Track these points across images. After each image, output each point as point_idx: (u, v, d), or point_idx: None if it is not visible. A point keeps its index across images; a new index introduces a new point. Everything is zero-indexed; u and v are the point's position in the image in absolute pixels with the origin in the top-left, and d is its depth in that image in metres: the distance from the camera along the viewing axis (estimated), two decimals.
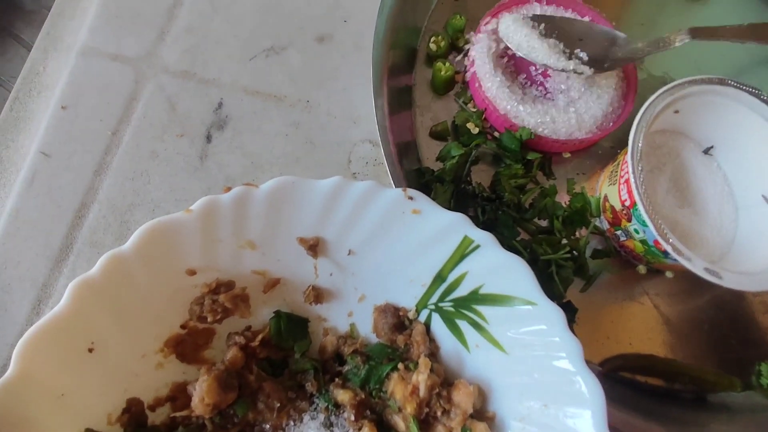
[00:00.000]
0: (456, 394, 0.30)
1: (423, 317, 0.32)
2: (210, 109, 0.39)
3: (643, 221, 0.32)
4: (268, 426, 0.29)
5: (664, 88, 0.34)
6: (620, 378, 0.36)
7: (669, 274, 0.39)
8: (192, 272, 0.28)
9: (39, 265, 0.33)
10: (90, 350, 0.26)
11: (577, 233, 0.38)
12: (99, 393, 0.26)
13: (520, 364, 0.29)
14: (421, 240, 0.30)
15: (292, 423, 0.30)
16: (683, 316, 0.38)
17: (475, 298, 0.30)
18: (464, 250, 0.29)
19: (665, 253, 0.33)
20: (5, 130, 0.37)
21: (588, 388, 0.26)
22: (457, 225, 0.29)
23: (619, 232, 0.37)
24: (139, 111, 0.38)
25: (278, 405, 0.29)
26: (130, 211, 0.35)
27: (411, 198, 0.29)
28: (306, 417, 0.30)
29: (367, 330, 0.33)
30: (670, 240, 0.31)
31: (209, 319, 0.28)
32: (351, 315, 0.33)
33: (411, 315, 0.32)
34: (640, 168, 0.32)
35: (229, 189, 0.27)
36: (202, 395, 0.27)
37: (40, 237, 0.34)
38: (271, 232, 0.29)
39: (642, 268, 0.38)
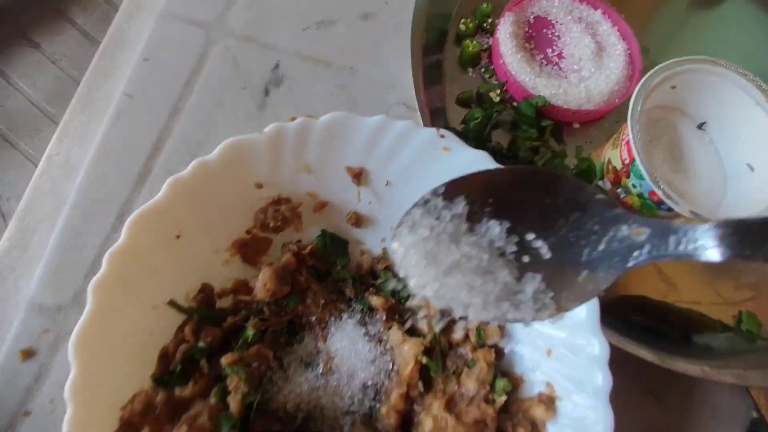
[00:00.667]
0: None
1: None
2: (268, 69, 0.45)
3: (640, 174, 0.38)
4: (313, 318, 0.35)
5: (663, 64, 0.39)
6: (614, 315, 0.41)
7: None
8: (259, 186, 0.34)
9: (122, 185, 0.39)
10: (177, 237, 0.31)
11: None
12: (181, 274, 0.32)
13: None
14: (449, 173, 0.35)
15: (333, 319, 0.35)
16: (674, 268, 0.43)
17: None
18: None
19: (659, 204, 0.38)
20: (95, 76, 0.44)
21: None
22: (480, 160, 0.34)
23: (619, 190, 0.42)
24: (208, 67, 0.44)
25: (322, 302, 0.35)
26: (199, 146, 0.41)
27: (443, 136, 0.34)
28: (344, 316, 0.35)
29: None
30: (662, 186, 0.36)
31: (271, 225, 0.34)
32: (384, 241, 0.38)
33: None
34: (638, 127, 0.37)
35: (293, 119, 0.33)
36: (264, 281, 0.33)
37: (124, 163, 0.40)
38: (324, 160, 0.35)
39: None
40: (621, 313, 0.41)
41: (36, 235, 0.38)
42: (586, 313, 0.31)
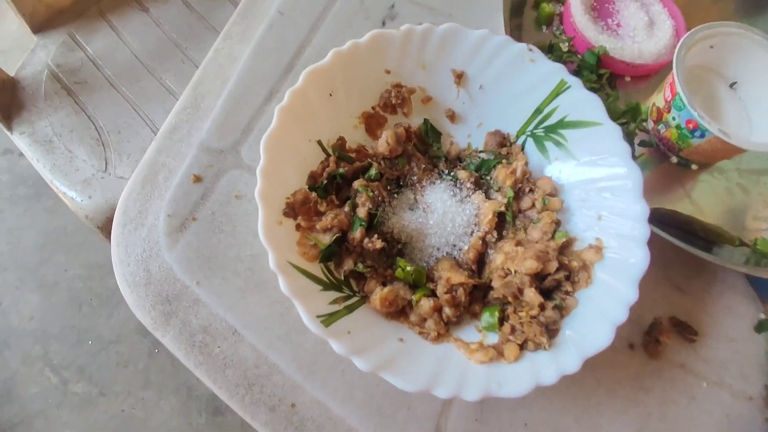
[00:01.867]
0: (539, 182, 0.45)
1: (520, 141, 0.47)
2: (386, 7, 0.57)
3: (680, 106, 0.47)
4: (414, 178, 0.45)
5: (704, 24, 0.50)
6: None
7: (694, 167, 0.53)
8: (388, 72, 0.45)
9: (272, 74, 0.51)
10: (330, 94, 0.43)
11: (629, 128, 0.54)
12: (328, 123, 0.43)
13: (586, 166, 0.44)
14: (531, 82, 0.45)
15: (429, 182, 0.45)
16: (703, 196, 0.52)
17: (561, 124, 0.45)
18: (559, 90, 0.45)
19: (693, 132, 0.48)
20: None
21: (628, 169, 0.40)
22: (558, 71, 0.45)
23: (660, 127, 0.52)
24: (340, 0, 0.56)
25: (423, 167, 0.45)
26: None
27: (531, 50, 0.45)
28: (438, 181, 0.45)
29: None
30: (696, 109, 0.46)
31: (392, 102, 0.45)
32: (469, 137, 0.48)
33: (512, 139, 0.48)
34: (681, 67, 0.47)
35: (420, 24, 0.44)
36: (387, 138, 0.43)
37: (274, 59, 0.52)
38: (437, 60, 0.46)
39: (674, 159, 0.53)
40: (655, 221, 0.50)
41: (205, 101, 0.50)
42: (632, 184, 0.40)
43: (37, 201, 1.49)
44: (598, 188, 0.42)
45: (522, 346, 0.37)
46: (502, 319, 0.39)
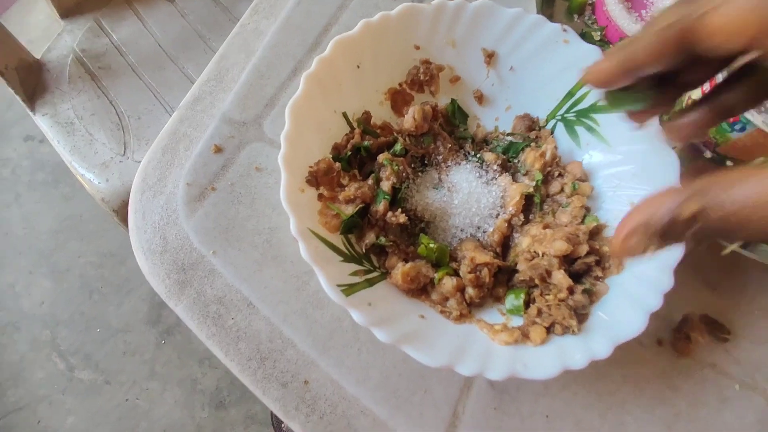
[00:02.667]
0: (569, 166, 0.43)
1: (549, 126, 0.46)
2: None
3: None
4: (440, 157, 0.43)
5: None
6: None
7: (729, 163, 0.51)
8: (417, 47, 0.44)
9: (298, 50, 0.50)
10: (358, 66, 0.42)
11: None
12: (353, 96, 0.42)
13: (618, 152, 0.42)
14: (564, 64, 0.44)
15: (454, 163, 0.44)
16: None
17: (594, 108, 0.44)
18: None
19: (732, 125, 0.46)
20: None
21: (664, 155, 0.39)
22: (592, 53, 0.43)
23: None
24: None
25: (449, 146, 0.44)
26: None
27: (565, 30, 0.44)
28: (463, 162, 0.44)
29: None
30: None
31: (420, 79, 0.44)
32: (497, 120, 0.47)
33: (541, 123, 0.46)
34: None
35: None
36: (413, 114, 0.42)
37: (300, 35, 0.51)
38: (468, 37, 0.45)
39: (708, 154, 0.51)
40: None
41: (229, 73, 0.49)
42: (665, 168, 0.39)
43: (55, 187, 1.51)
44: (632, 175, 0.40)
45: (549, 330, 0.35)
46: (528, 303, 0.38)
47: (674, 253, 0.36)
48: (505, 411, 0.39)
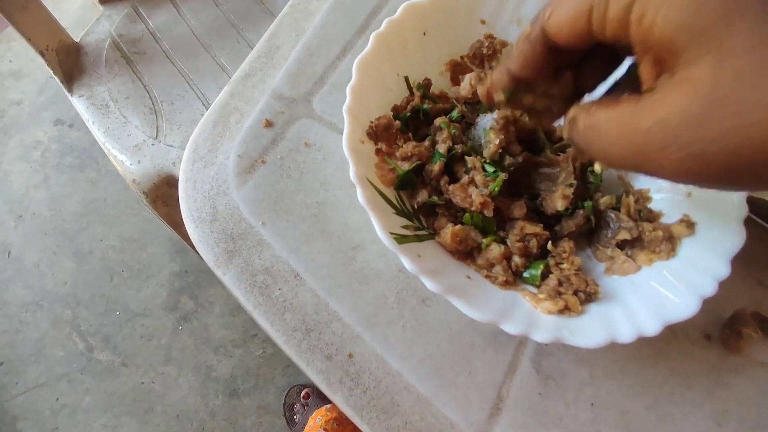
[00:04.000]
0: None
1: None
2: None
3: None
4: None
5: None
6: None
7: None
8: (483, 22, 0.43)
9: (347, 31, 0.50)
10: (424, 33, 0.42)
11: None
12: (417, 62, 0.42)
13: None
14: None
15: None
16: None
17: None
18: None
19: None
20: None
21: None
22: None
23: None
24: None
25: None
26: None
27: None
28: None
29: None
30: None
31: (483, 53, 0.43)
32: None
33: None
34: None
35: None
36: (470, 80, 0.41)
37: (349, 16, 0.51)
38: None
39: None
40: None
41: (279, 51, 0.49)
42: None
43: (81, 171, 1.53)
44: None
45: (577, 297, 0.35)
46: (546, 275, 0.37)
47: (735, 242, 0.35)
48: (549, 396, 0.38)
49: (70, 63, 1.01)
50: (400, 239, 0.33)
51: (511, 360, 0.39)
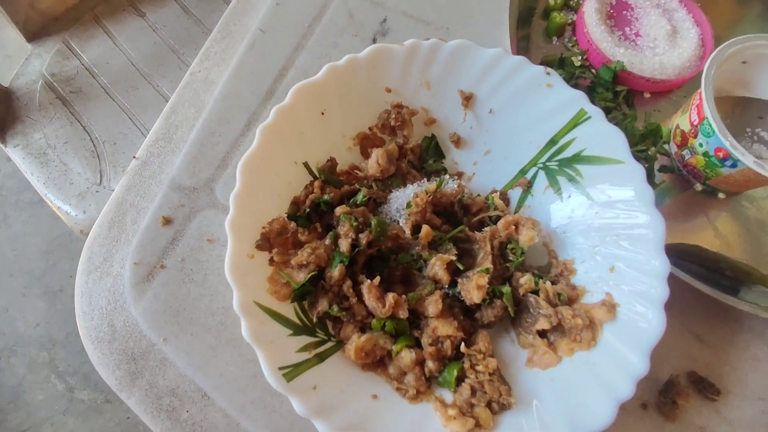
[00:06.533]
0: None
1: (530, 174, 0.41)
2: (377, 22, 0.50)
3: (708, 132, 0.41)
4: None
5: (736, 38, 0.43)
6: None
7: (721, 195, 0.47)
8: (388, 90, 0.38)
9: (252, 100, 0.45)
10: (322, 113, 0.37)
11: (649, 151, 0.47)
12: (317, 144, 0.38)
13: (602, 208, 0.38)
14: (547, 109, 0.39)
15: None
16: (730, 228, 0.45)
17: (577, 158, 0.38)
18: (578, 120, 0.38)
19: (723, 161, 0.42)
20: (234, 14, 0.50)
21: (650, 217, 0.34)
22: (577, 99, 0.38)
23: (685, 152, 0.45)
24: (328, 15, 0.50)
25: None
26: None
27: (548, 74, 0.39)
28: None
29: (484, 180, 0.42)
30: (729, 138, 0.39)
31: (391, 124, 0.39)
32: (476, 164, 0.42)
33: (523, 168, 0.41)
34: (711, 88, 0.41)
35: (427, 39, 0.38)
36: (377, 158, 0.37)
37: (254, 83, 0.46)
38: (443, 79, 0.39)
39: (698, 186, 0.47)
40: (676, 257, 0.44)
41: (178, 131, 0.44)
42: (653, 235, 0.34)
43: (42, 207, 1.47)
44: (614, 235, 0.36)
45: (490, 408, 0.32)
46: (461, 378, 0.34)
47: (654, 333, 0.32)
48: None
49: (1, 112, 0.95)
50: (292, 372, 0.30)
51: None
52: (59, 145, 0.94)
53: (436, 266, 0.35)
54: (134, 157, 0.42)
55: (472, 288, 0.34)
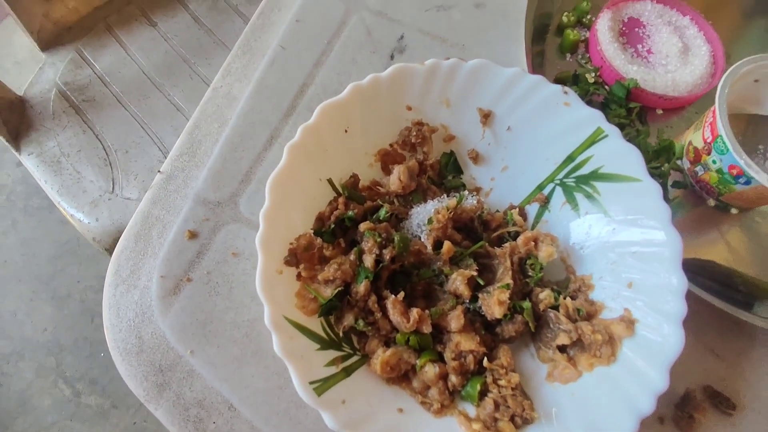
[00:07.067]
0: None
1: (547, 190, 0.42)
2: (394, 39, 0.51)
3: (722, 150, 0.42)
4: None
5: (748, 58, 0.44)
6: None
7: (734, 211, 0.47)
8: (409, 108, 0.39)
9: (273, 116, 0.46)
10: (345, 131, 0.38)
11: (662, 168, 0.48)
12: (341, 161, 0.38)
13: (619, 225, 0.38)
14: (564, 127, 0.39)
15: None
16: (743, 243, 0.46)
17: (595, 175, 0.39)
18: (595, 138, 0.39)
19: (736, 178, 0.42)
20: (254, 30, 0.51)
21: (667, 235, 0.35)
22: (594, 118, 0.39)
23: (698, 168, 0.46)
24: (346, 32, 0.51)
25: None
26: (335, 93, 0.47)
27: (566, 93, 0.40)
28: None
29: (501, 195, 0.43)
30: (743, 157, 0.40)
31: (411, 141, 0.40)
32: (493, 180, 0.43)
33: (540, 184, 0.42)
34: (725, 106, 0.42)
35: (447, 58, 0.39)
36: (399, 174, 0.38)
37: (275, 99, 0.47)
38: (463, 97, 0.40)
39: (711, 201, 0.47)
40: (689, 272, 0.45)
41: (202, 146, 0.45)
42: (669, 253, 0.35)
43: (50, 212, 1.48)
44: (632, 252, 0.37)
45: (513, 423, 0.33)
46: (484, 392, 0.34)
47: (673, 349, 0.33)
48: None
49: (14, 120, 0.96)
50: (322, 386, 0.31)
51: None
52: (72, 153, 0.95)
53: (458, 281, 0.36)
54: (159, 171, 0.43)
55: (494, 303, 0.35)
